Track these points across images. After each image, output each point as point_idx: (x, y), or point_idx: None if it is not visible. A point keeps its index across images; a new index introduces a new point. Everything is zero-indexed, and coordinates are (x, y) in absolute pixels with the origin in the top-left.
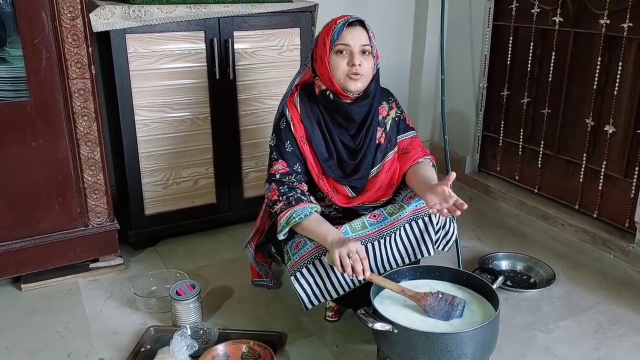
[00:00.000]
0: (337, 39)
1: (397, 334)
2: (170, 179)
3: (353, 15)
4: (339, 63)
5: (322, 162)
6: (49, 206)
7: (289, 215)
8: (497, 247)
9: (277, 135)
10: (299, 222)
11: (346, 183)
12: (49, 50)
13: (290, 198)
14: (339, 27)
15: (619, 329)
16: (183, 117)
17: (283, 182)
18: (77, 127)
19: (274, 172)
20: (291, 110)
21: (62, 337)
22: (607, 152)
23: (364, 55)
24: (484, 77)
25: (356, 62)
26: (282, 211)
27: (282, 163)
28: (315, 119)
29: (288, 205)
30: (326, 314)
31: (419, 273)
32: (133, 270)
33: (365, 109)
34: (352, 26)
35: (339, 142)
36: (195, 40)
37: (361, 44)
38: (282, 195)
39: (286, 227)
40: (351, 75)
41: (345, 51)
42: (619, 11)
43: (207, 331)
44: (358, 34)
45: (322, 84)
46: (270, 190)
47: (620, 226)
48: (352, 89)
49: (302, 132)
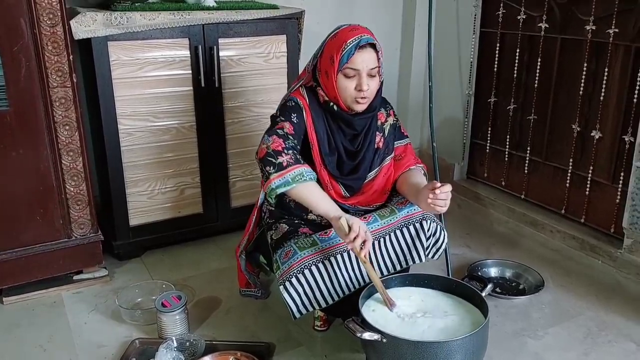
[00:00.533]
0: (347, 62)
1: (386, 343)
2: (155, 189)
3: (364, 35)
4: (347, 86)
5: (324, 155)
6: (31, 217)
7: (299, 171)
8: (486, 254)
9: (281, 110)
10: (307, 181)
11: (342, 181)
12: (29, 58)
13: (297, 156)
14: (350, 49)
15: (608, 335)
16: (168, 126)
17: (289, 137)
18: (59, 136)
19: (279, 127)
20: (300, 99)
21: (45, 350)
22: (594, 158)
23: (370, 77)
24: (470, 84)
25: (364, 88)
26: (290, 165)
27: (289, 124)
28: (320, 115)
29: (296, 161)
30: (315, 324)
31: (408, 281)
32: (118, 282)
33: (367, 121)
34: (363, 49)
35: (339, 142)
36: (180, 48)
37: (370, 67)
38: (288, 149)
39: (292, 184)
40: (358, 99)
41: (354, 75)
42: (605, 17)
43: (194, 343)
44: (368, 57)
45: (326, 95)
46: (271, 140)
47: (607, 232)
48: (357, 109)
49: (310, 121)
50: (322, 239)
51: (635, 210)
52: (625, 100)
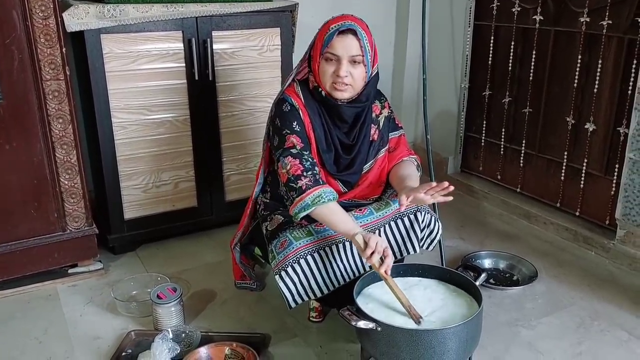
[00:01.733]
0: (327, 47)
1: (381, 331)
2: (149, 183)
3: (347, 21)
4: (326, 70)
5: (322, 152)
6: (25, 211)
7: (318, 194)
8: (480, 245)
9: (280, 119)
10: (326, 203)
11: (339, 178)
12: (21, 50)
13: (316, 176)
14: (331, 33)
15: (600, 324)
16: (162, 119)
17: (304, 155)
18: (52, 129)
19: (291, 145)
20: (294, 98)
21: (40, 342)
22: (588, 150)
23: (353, 64)
24: (465, 77)
25: (341, 74)
26: (309, 188)
27: (296, 138)
28: (316, 110)
29: (315, 183)
30: (310, 315)
31: (403, 271)
32: (113, 275)
33: (356, 111)
34: (344, 34)
35: (335, 137)
36: (173, 41)
37: (351, 54)
38: (307, 171)
39: (312, 206)
40: (335, 85)
41: (333, 59)
42: (599, 9)
43: (189, 334)
44: (349, 43)
45: (315, 80)
46: (288, 164)
47: (601, 223)
48: (337, 97)
49: (307, 119)
50: (317, 229)
51: (628, 201)
52: (619, 92)
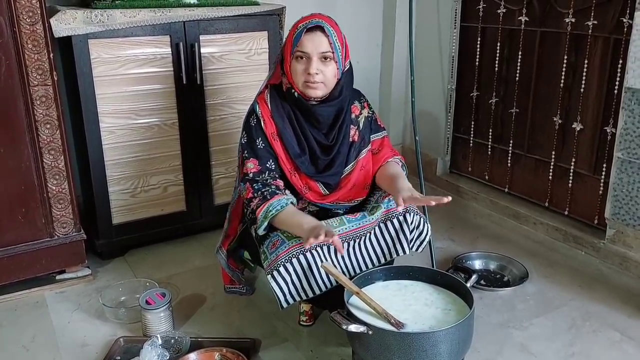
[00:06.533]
0: (297, 45)
1: (372, 335)
2: (138, 187)
3: (314, 19)
4: (297, 69)
5: (294, 157)
6: (12, 217)
7: (265, 209)
8: (470, 247)
9: (247, 133)
10: (275, 215)
11: (319, 179)
12: (9, 56)
13: (264, 193)
14: (299, 32)
15: (592, 325)
16: (150, 124)
17: (257, 180)
18: (40, 135)
19: (246, 172)
20: (262, 106)
21: (28, 350)
22: (576, 150)
23: (324, 62)
24: (452, 79)
25: (312, 71)
26: (259, 207)
27: (253, 161)
28: (286, 115)
29: (263, 200)
30: (300, 319)
31: (393, 274)
32: (101, 281)
33: (332, 110)
34: (312, 32)
35: (311, 138)
36: (161, 45)
37: (320, 51)
38: (256, 192)
39: (264, 221)
40: (308, 83)
41: (303, 57)
42: (584, 9)
43: (179, 340)
44: (318, 40)
45: (288, 82)
46: (244, 189)
47: (590, 223)
48: (310, 95)
49: (272, 129)
50: None
51: (617, 200)
52: (606, 92)
